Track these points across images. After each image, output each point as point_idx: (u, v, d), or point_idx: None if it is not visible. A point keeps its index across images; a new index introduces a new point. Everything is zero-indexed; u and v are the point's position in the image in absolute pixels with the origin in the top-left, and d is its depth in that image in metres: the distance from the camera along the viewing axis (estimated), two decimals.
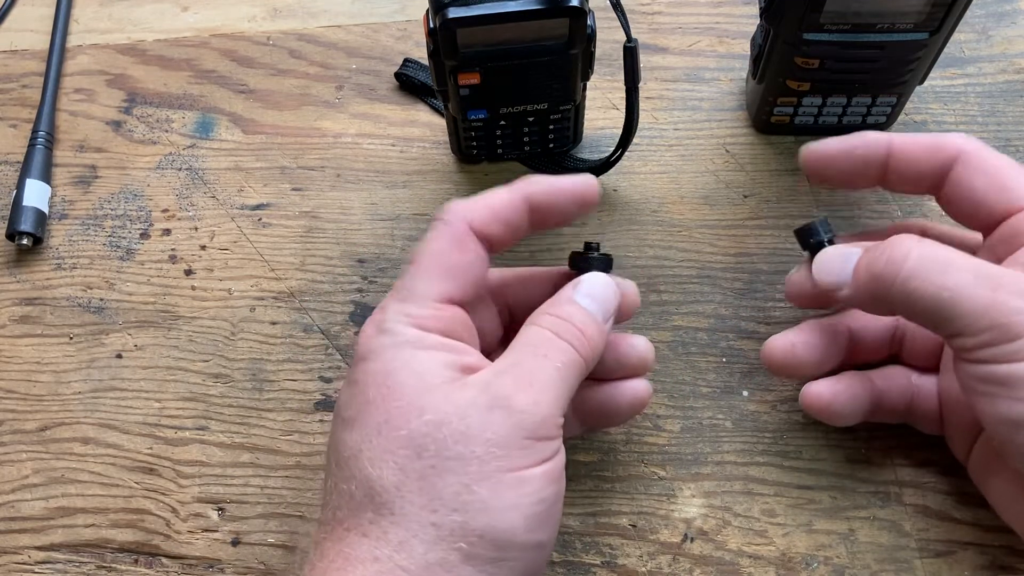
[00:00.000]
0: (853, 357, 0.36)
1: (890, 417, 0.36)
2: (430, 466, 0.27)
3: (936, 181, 0.33)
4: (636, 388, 0.34)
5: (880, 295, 0.30)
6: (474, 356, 0.31)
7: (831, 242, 0.34)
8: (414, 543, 0.26)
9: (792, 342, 0.35)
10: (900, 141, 0.33)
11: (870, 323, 0.36)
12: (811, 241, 0.34)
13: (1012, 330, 0.27)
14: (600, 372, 0.34)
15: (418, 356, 0.29)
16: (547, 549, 0.29)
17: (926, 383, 0.36)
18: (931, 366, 0.36)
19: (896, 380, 0.36)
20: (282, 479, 0.39)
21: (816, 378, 0.35)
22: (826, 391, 0.34)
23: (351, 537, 0.27)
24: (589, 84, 0.41)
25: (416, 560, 0.26)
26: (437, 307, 0.30)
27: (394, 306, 0.30)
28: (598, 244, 0.35)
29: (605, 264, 0.34)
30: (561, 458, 0.29)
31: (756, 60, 0.42)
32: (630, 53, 0.39)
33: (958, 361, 0.29)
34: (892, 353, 0.37)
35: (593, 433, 0.39)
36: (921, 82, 0.42)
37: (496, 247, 0.32)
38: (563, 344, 0.30)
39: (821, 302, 0.35)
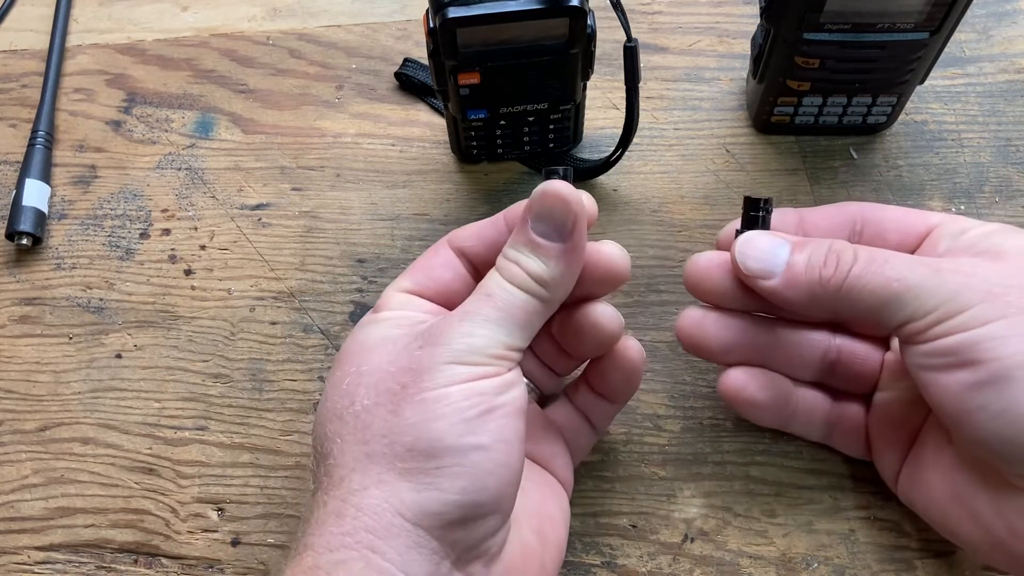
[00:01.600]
0: (777, 368, 0.36)
1: (808, 431, 0.37)
2: (362, 408, 0.28)
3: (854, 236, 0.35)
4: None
5: (825, 296, 0.31)
6: (433, 319, 0.31)
7: (764, 222, 0.33)
8: (352, 476, 0.28)
9: (705, 314, 0.34)
10: (809, 213, 0.35)
11: (802, 343, 0.36)
12: (751, 214, 0.33)
13: (961, 302, 0.29)
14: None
15: (368, 329, 0.31)
16: (493, 453, 0.28)
17: (851, 407, 0.36)
18: (859, 391, 0.36)
19: (816, 397, 0.36)
20: (282, 479, 0.39)
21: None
22: (739, 376, 0.34)
23: (314, 498, 0.29)
24: (589, 84, 0.41)
25: (352, 488, 0.27)
26: (403, 292, 0.33)
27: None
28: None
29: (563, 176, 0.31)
30: (503, 380, 0.29)
31: (756, 60, 0.42)
32: (630, 53, 0.39)
33: (909, 347, 0.30)
34: (820, 380, 0.36)
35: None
36: (921, 82, 0.42)
37: (473, 258, 0.34)
38: (507, 285, 0.30)
39: (717, 295, 0.34)
